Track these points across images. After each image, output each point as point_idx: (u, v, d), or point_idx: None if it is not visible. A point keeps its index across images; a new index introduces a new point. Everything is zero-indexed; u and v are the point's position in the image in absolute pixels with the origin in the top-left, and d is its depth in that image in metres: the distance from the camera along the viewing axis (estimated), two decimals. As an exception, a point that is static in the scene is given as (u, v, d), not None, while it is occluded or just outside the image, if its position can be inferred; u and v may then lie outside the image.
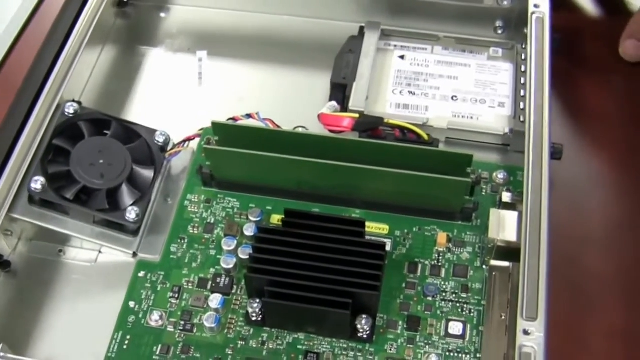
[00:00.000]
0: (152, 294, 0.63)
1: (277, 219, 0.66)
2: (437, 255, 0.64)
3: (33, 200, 0.64)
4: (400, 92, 0.72)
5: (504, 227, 0.61)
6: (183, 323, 0.61)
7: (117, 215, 0.65)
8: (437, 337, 0.60)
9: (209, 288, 0.63)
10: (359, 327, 0.59)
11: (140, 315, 0.62)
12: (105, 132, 0.68)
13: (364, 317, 0.59)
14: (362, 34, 0.75)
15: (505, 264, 0.63)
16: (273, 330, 0.61)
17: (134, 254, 0.65)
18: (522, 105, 0.69)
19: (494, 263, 0.63)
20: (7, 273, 0.66)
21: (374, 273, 0.59)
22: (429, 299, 0.62)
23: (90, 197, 0.65)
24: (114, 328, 0.61)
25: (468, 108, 0.71)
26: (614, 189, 0.70)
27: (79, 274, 0.66)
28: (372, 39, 0.74)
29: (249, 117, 0.69)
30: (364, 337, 0.60)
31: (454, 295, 0.62)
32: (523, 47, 0.73)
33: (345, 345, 0.60)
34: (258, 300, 0.60)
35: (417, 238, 0.65)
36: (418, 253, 0.64)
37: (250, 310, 0.60)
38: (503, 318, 0.61)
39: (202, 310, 0.62)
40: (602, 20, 0.82)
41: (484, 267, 0.63)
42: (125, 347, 0.61)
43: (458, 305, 0.62)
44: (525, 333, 0.55)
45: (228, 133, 0.66)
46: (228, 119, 0.68)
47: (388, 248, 0.64)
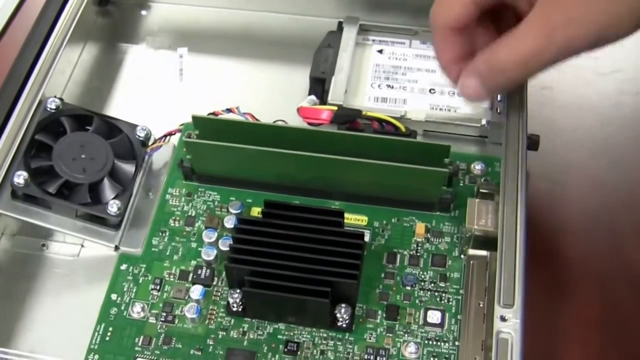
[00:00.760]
0: (133, 287, 0.64)
1: (257, 212, 0.66)
2: (415, 246, 0.65)
3: (16, 195, 0.65)
4: (379, 85, 0.72)
5: (481, 216, 0.62)
6: (164, 314, 0.62)
7: (99, 209, 0.65)
8: (415, 325, 0.61)
9: (190, 280, 0.64)
10: (339, 316, 0.60)
11: (122, 308, 0.63)
12: (87, 127, 0.69)
13: (343, 306, 0.60)
14: (340, 29, 0.76)
15: (483, 253, 0.63)
16: (254, 321, 0.62)
17: (116, 248, 0.66)
18: (499, 97, 0.70)
19: (472, 252, 0.64)
20: (-10, 268, 0.66)
21: (353, 262, 0.59)
22: (408, 289, 0.63)
23: (73, 191, 0.65)
24: (96, 320, 0.62)
25: (446, 100, 0.72)
26: (590, 179, 0.71)
27: (62, 268, 0.67)
28: (350, 34, 0.75)
29: (229, 111, 0.69)
30: (344, 326, 0.60)
31: (433, 285, 0.63)
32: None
33: (325, 335, 0.61)
34: (238, 291, 0.60)
35: (395, 229, 0.66)
36: (397, 243, 0.65)
37: (231, 301, 0.61)
38: (481, 306, 0.61)
39: (183, 302, 0.62)
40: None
41: (462, 256, 0.64)
42: (108, 338, 0.61)
43: (437, 295, 0.62)
44: (502, 319, 0.56)
45: (208, 127, 0.66)
46: (209, 114, 0.69)
47: (367, 239, 0.65)
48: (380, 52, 0.75)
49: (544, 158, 0.70)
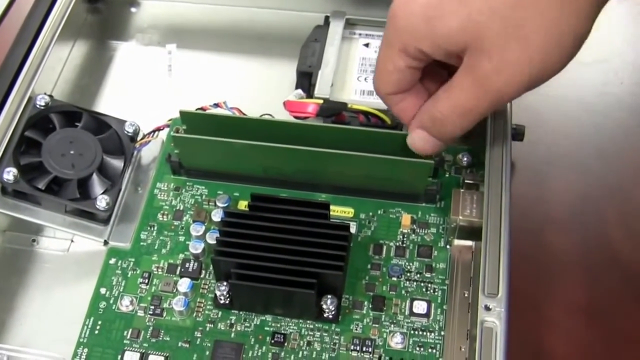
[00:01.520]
0: (122, 280, 0.64)
1: (244, 205, 0.67)
2: (401, 237, 0.65)
3: (5, 192, 0.66)
4: (365, 79, 0.73)
5: (466, 206, 0.63)
6: (153, 307, 0.63)
7: (87, 204, 0.66)
8: (402, 316, 0.62)
9: (178, 273, 0.64)
10: (325, 307, 0.60)
11: (111, 301, 0.63)
12: (77, 123, 0.69)
13: (329, 297, 0.60)
14: (327, 24, 0.76)
15: (468, 243, 0.64)
16: (241, 313, 0.62)
17: (105, 242, 0.66)
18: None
19: (457, 242, 0.64)
20: (-19, 264, 0.67)
21: (338, 254, 0.60)
22: (394, 279, 0.63)
23: (62, 187, 0.66)
24: (86, 314, 0.63)
25: (432, 93, 0.72)
26: (576, 169, 0.72)
27: (52, 263, 0.67)
28: (337, 28, 0.75)
29: (217, 106, 0.70)
30: (330, 317, 0.61)
31: (419, 275, 0.63)
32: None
33: (312, 326, 0.61)
34: (225, 283, 0.61)
35: (381, 220, 0.66)
36: (383, 235, 0.66)
37: (218, 293, 0.61)
38: (466, 296, 0.62)
39: (171, 295, 0.63)
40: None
41: (448, 247, 0.65)
42: (97, 332, 0.62)
43: (422, 285, 0.63)
44: (487, 309, 0.56)
45: (195, 121, 0.67)
46: (197, 109, 0.69)
47: (353, 230, 0.65)
48: (367, 45, 0.75)
49: (530, 148, 0.71)
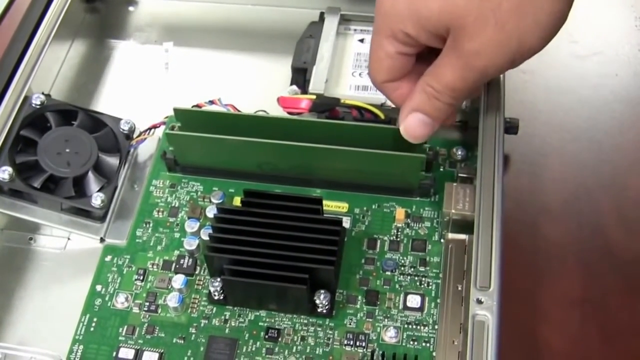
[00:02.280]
0: (118, 277, 0.65)
1: (239, 201, 0.67)
2: (395, 231, 0.65)
3: (2, 190, 0.66)
4: (360, 74, 0.73)
5: (458, 200, 0.63)
6: (148, 304, 0.63)
7: (83, 202, 0.66)
8: (395, 310, 0.62)
9: (173, 269, 0.65)
10: (318, 302, 0.60)
11: (107, 298, 0.64)
12: (73, 122, 0.69)
13: (323, 292, 0.60)
14: (322, 20, 0.76)
15: (462, 237, 0.64)
16: (235, 309, 0.62)
17: (102, 240, 0.67)
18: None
19: (451, 236, 0.64)
20: (-22, 262, 0.67)
21: (331, 249, 0.60)
22: (388, 274, 0.63)
23: (58, 185, 0.66)
24: (81, 311, 0.63)
25: (426, 87, 0.72)
26: (571, 161, 0.71)
27: (49, 261, 0.68)
28: (332, 24, 0.75)
29: (212, 103, 0.70)
30: (324, 312, 0.61)
31: (413, 269, 0.63)
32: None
33: (306, 321, 0.62)
34: (219, 279, 0.61)
35: (375, 215, 0.66)
36: (377, 229, 0.66)
37: (212, 289, 0.62)
38: (459, 289, 0.62)
39: (166, 291, 0.63)
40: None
41: (442, 240, 0.65)
42: (92, 329, 0.62)
43: (416, 279, 0.63)
44: (479, 302, 0.56)
45: (190, 119, 0.67)
46: (193, 106, 0.70)
47: (347, 225, 0.65)
48: (362, 41, 0.75)
49: (525, 141, 0.71)
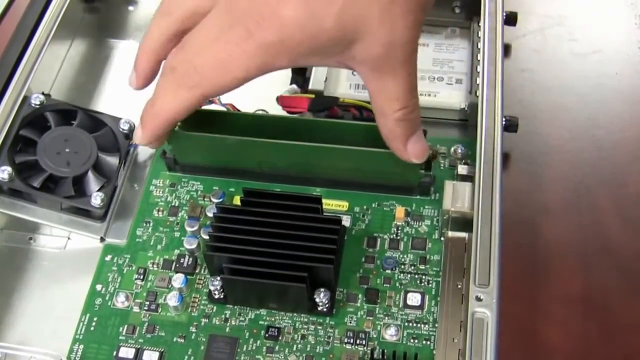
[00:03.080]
0: (118, 277, 0.65)
1: (239, 200, 0.67)
2: (395, 230, 0.65)
3: (1, 190, 0.66)
4: (359, 73, 0.73)
5: (457, 197, 0.63)
6: (148, 303, 0.63)
7: (83, 201, 0.66)
8: (395, 308, 0.62)
9: (173, 269, 0.65)
10: (318, 300, 0.60)
11: (107, 298, 0.64)
12: (72, 122, 0.69)
13: (322, 290, 0.60)
14: (322, 18, 0.76)
15: (462, 235, 0.64)
16: (235, 307, 0.62)
17: (102, 239, 0.67)
18: (478, 81, 0.70)
19: (451, 234, 0.64)
20: (-22, 262, 0.67)
21: (330, 247, 0.60)
22: (388, 272, 0.63)
23: (57, 184, 0.66)
24: (82, 310, 0.63)
25: (426, 86, 0.72)
26: (571, 160, 0.71)
27: (49, 260, 0.68)
28: (331, 22, 0.75)
29: (211, 102, 0.70)
30: (324, 310, 0.61)
31: (413, 267, 0.63)
32: (479, 24, 0.74)
33: (306, 320, 0.62)
34: (219, 278, 0.61)
35: (375, 213, 0.66)
36: (377, 228, 0.66)
37: (212, 288, 0.62)
38: (459, 287, 0.62)
39: (166, 291, 0.63)
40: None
41: (442, 239, 0.65)
42: (92, 328, 0.62)
43: (416, 277, 0.63)
44: (478, 299, 0.56)
45: (189, 118, 0.66)
46: (192, 105, 0.70)
47: (347, 224, 0.65)
48: (361, 39, 0.75)
49: (524, 139, 0.71)
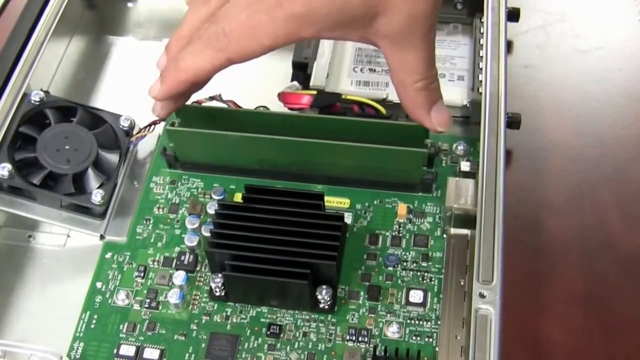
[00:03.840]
0: (118, 274, 0.64)
1: (240, 197, 0.66)
2: (397, 227, 0.65)
3: (1, 187, 0.65)
4: (361, 69, 0.73)
5: (460, 194, 0.62)
6: (148, 301, 0.63)
7: (83, 199, 0.66)
8: (398, 305, 0.61)
9: (174, 266, 0.64)
10: (320, 298, 0.60)
11: (107, 295, 0.63)
12: (72, 119, 0.69)
13: (324, 288, 0.60)
14: (323, 15, 0.76)
15: (464, 232, 0.63)
16: (236, 305, 0.62)
17: (102, 237, 0.66)
18: (480, 78, 0.70)
19: (453, 231, 0.64)
20: (-22, 260, 0.67)
21: (332, 244, 0.59)
22: (390, 269, 0.63)
23: (57, 182, 0.66)
24: (82, 308, 0.63)
25: (428, 83, 0.72)
26: (573, 156, 0.71)
27: (49, 258, 0.67)
28: (333, 19, 0.75)
29: (212, 99, 0.69)
30: (326, 307, 0.61)
31: (415, 265, 0.63)
32: (482, 20, 0.74)
33: (308, 317, 0.61)
34: (220, 276, 0.61)
35: (377, 210, 0.66)
36: (379, 225, 0.65)
37: (213, 286, 0.61)
38: (462, 284, 0.61)
39: (167, 288, 0.63)
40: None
41: (444, 236, 0.64)
42: (93, 326, 0.62)
43: (419, 274, 0.63)
44: (481, 296, 0.56)
45: (190, 115, 0.67)
46: (193, 102, 0.69)
47: (349, 221, 0.65)
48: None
49: (527, 136, 0.71)
